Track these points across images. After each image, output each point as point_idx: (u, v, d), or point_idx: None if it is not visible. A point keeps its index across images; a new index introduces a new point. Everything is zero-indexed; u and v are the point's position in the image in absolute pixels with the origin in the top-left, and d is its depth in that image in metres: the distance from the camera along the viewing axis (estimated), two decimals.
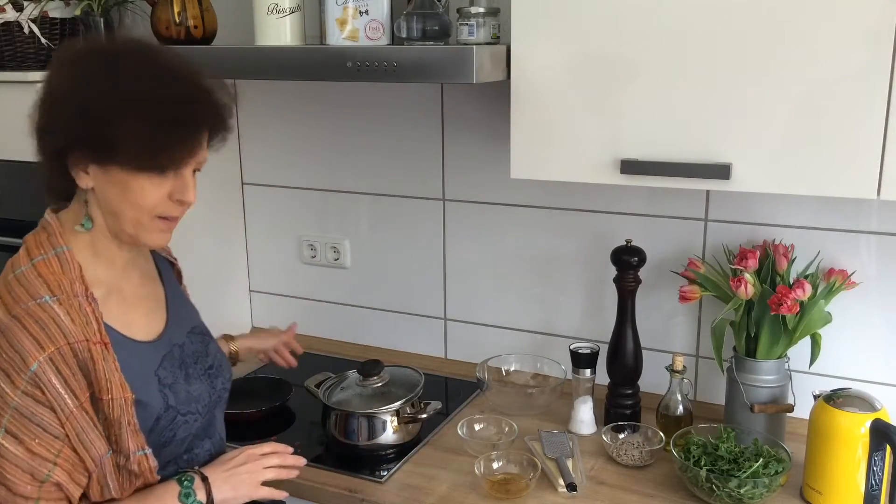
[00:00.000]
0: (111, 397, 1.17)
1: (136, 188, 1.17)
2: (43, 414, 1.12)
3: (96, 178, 1.18)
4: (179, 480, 1.25)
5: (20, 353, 1.11)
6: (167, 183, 1.19)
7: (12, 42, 1.88)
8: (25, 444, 1.11)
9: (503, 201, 2.01)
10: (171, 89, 1.17)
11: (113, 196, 1.19)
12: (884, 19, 1.29)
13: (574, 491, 1.55)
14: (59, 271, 1.19)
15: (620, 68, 1.47)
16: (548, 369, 1.99)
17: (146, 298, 1.34)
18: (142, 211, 1.19)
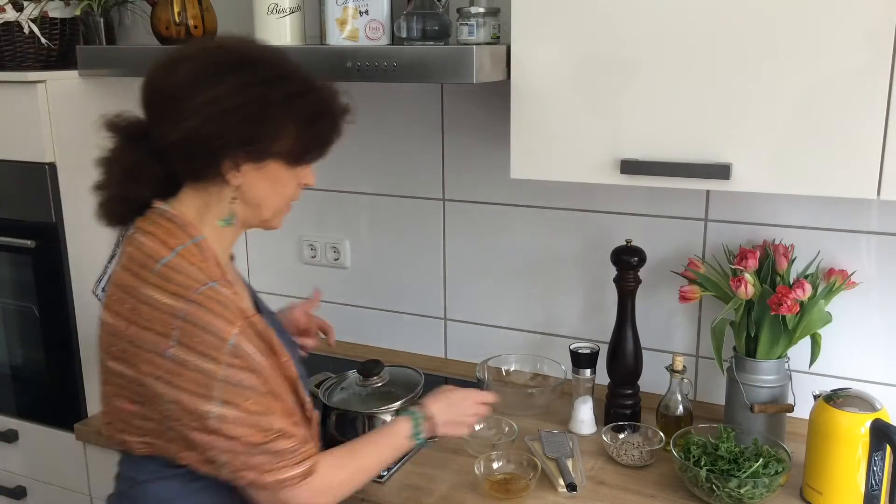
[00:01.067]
0: (287, 360, 1.31)
1: (285, 179, 1.30)
2: (247, 378, 1.21)
3: (246, 174, 1.26)
4: (413, 419, 1.43)
5: (215, 334, 1.19)
6: (300, 172, 1.32)
7: (12, 42, 1.88)
8: (241, 406, 1.20)
9: (503, 201, 2.01)
10: (314, 87, 1.28)
11: (260, 189, 1.28)
12: (884, 19, 1.29)
13: (574, 491, 1.55)
14: (201, 259, 1.26)
15: (620, 68, 1.47)
16: (548, 369, 1.99)
17: (240, 283, 1.44)
18: (284, 199, 1.33)
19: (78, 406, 1.92)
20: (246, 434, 1.21)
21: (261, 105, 1.21)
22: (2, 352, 2.02)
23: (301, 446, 1.26)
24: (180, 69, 1.24)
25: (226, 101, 1.20)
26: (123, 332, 1.22)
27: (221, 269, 1.28)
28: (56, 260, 1.85)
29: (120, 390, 1.27)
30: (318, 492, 1.29)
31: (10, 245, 1.90)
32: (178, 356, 1.18)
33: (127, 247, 1.29)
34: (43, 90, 1.77)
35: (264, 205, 1.30)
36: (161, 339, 1.19)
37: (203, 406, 1.19)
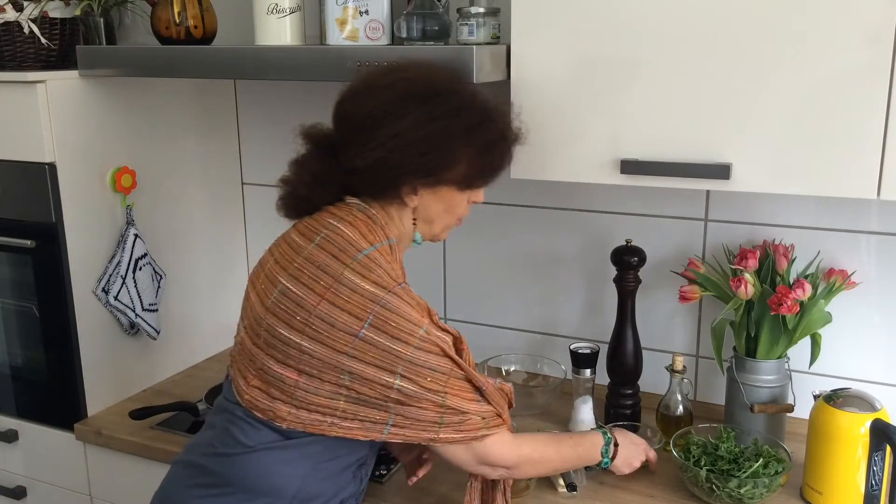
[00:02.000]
0: (465, 348, 1.36)
1: (459, 201, 1.40)
2: (432, 359, 1.29)
3: (426, 198, 1.38)
4: (605, 437, 1.50)
5: (410, 321, 1.28)
6: (473, 192, 1.42)
7: (12, 42, 1.88)
8: (418, 382, 1.28)
9: (503, 201, 2.01)
10: (491, 116, 1.36)
11: (435, 209, 1.40)
12: (884, 19, 1.29)
13: (574, 491, 1.55)
14: (391, 259, 1.36)
15: (620, 68, 1.47)
16: (548, 369, 1.99)
17: None
18: (455, 217, 1.44)
19: (78, 406, 1.92)
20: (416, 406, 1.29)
21: (441, 138, 1.31)
22: (2, 352, 2.02)
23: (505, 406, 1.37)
24: (371, 99, 1.33)
25: (410, 134, 1.29)
26: (314, 307, 1.28)
27: (403, 273, 1.38)
28: (56, 260, 1.85)
29: (288, 359, 1.30)
30: (515, 451, 1.37)
31: (10, 245, 1.90)
32: (370, 337, 1.26)
33: (323, 230, 1.36)
34: (43, 90, 1.77)
35: (436, 222, 1.42)
36: (356, 320, 1.27)
37: (402, 383, 1.27)
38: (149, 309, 2.00)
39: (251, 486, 1.34)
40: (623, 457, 1.51)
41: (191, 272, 2.19)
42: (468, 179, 1.37)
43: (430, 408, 1.29)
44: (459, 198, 1.40)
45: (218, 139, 2.27)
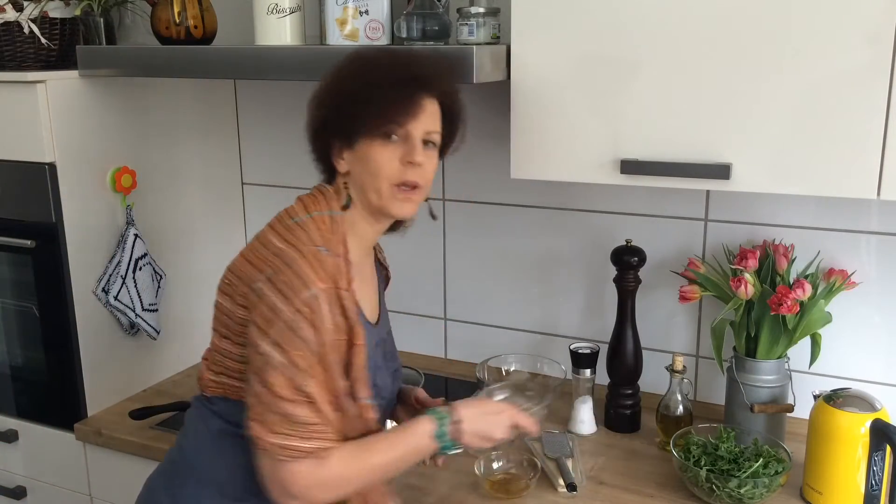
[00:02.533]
0: (361, 343, 1.29)
1: (374, 156, 1.30)
2: (308, 331, 1.23)
3: (349, 161, 1.33)
4: (437, 418, 1.34)
5: (302, 278, 1.23)
6: (398, 149, 1.31)
7: (12, 42, 1.88)
8: (289, 354, 1.22)
9: (503, 201, 2.01)
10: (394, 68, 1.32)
11: (360, 171, 1.33)
12: (884, 19, 1.29)
13: (574, 491, 1.55)
14: (329, 230, 1.32)
15: (620, 68, 1.47)
16: (548, 369, 1.99)
17: (373, 286, 1.46)
18: (380, 178, 1.31)
19: (78, 406, 1.92)
20: (278, 384, 1.22)
21: (334, 91, 1.32)
22: (2, 352, 2.02)
23: (322, 426, 1.25)
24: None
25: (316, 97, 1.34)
26: (236, 267, 1.33)
27: (345, 249, 1.32)
28: (56, 260, 1.85)
29: (217, 324, 1.35)
30: (320, 481, 1.26)
31: (10, 245, 1.90)
32: (261, 289, 1.25)
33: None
34: (43, 90, 1.77)
35: (365, 186, 1.33)
36: (256, 272, 1.27)
37: (259, 340, 1.23)
38: (149, 309, 2.00)
39: (201, 474, 1.36)
40: (473, 431, 1.35)
41: (191, 272, 2.19)
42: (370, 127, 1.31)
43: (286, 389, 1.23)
44: (374, 153, 1.30)
45: (218, 139, 2.27)
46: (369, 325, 1.39)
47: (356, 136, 1.31)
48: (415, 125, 1.31)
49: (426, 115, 1.32)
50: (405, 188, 1.32)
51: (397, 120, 1.30)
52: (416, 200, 1.35)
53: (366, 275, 1.43)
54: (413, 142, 1.31)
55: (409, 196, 1.33)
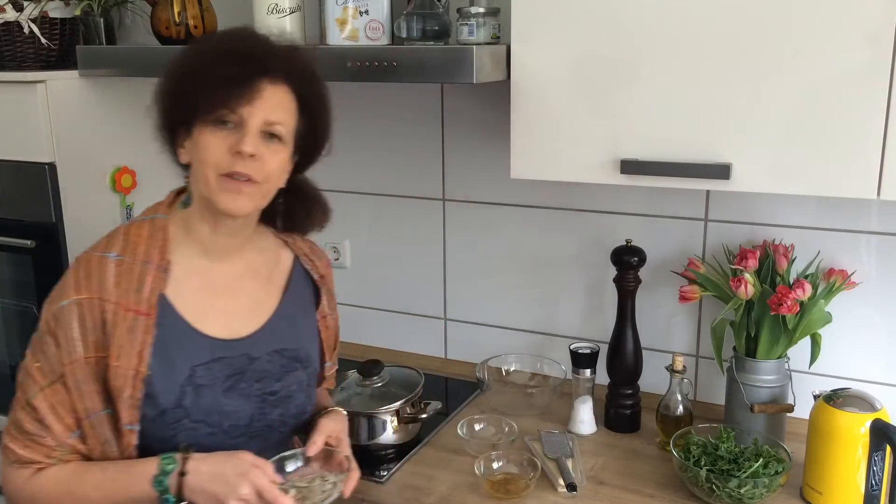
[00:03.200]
0: (118, 365, 1.19)
1: (203, 142, 1.21)
2: (50, 345, 1.20)
3: (189, 149, 1.25)
4: (162, 465, 1.19)
5: (62, 288, 1.21)
6: (230, 137, 1.20)
7: (12, 42, 1.88)
8: (30, 363, 1.23)
9: (503, 201, 2.01)
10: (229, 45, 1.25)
11: (194, 161, 1.24)
12: (884, 19, 1.29)
13: (574, 491, 1.55)
14: (145, 236, 1.26)
15: (620, 68, 1.47)
16: (548, 369, 1.99)
17: (238, 296, 1.33)
18: (207, 166, 1.21)
19: None
20: (19, 389, 1.23)
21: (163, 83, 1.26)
22: (2, 352, 2.02)
23: (44, 440, 1.20)
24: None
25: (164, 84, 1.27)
26: None
27: (161, 252, 1.24)
28: (56, 260, 1.85)
29: None
30: (28, 494, 1.21)
31: (10, 245, 1.90)
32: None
33: None
34: (43, 90, 1.77)
35: (196, 175, 1.24)
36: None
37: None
38: None
39: None
40: (200, 489, 1.16)
41: None
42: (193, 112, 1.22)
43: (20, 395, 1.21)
44: (203, 139, 1.21)
45: None
46: (201, 336, 1.26)
47: (192, 121, 1.22)
48: (250, 111, 1.19)
49: (266, 102, 1.20)
50: (234, 181, 1.20)
51: (227, 103, 1.18)
52: (247, 194, 1.22)
53: (220, 284, 1.30)
54: (245, 129, 1.19)
55: (238, 188, 1.20)
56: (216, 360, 1.27)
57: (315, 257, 1.46)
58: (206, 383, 1.25)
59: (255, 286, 1.35)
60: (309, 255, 1.45)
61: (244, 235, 1.33)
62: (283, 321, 1.36)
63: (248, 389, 1.30)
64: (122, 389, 1.19)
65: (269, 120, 1.21)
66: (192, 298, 1.26)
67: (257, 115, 1.20)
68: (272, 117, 1.22)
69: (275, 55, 1.24)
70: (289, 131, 1.25)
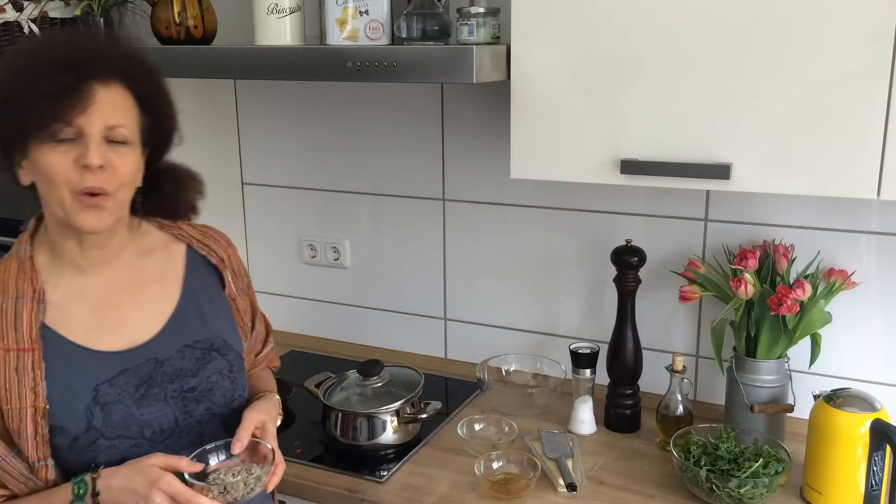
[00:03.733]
0: (10, 407, 1.15)
1: (43, 162, 1.14)
2: None
3: (29, 170, 1.17)
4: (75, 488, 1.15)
5: None
6: (73, 151, 1.14)
7: (12, 42, 1.88)
8: None
9: (503, 201, 2.01)
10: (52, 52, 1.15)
11: (39, 181, 1.17)
12: (884, 19, 1.29)
13: (574, 491, 1.55)
14: (14, 271, 1.21)
15: (620, 68, 1.47)
16: (548, 369, 1.99)
17: (131, 304, 1.28)
18: (57, 186, 1.14)
19: None
20: None
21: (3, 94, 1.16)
22: None
23: None
24: None
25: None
26: None
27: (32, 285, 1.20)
28: None
29: None
30: None
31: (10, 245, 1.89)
32: None
33: None
34: None
35: (46, 198, 1.18)
36: None
37: None
38: None
39: None
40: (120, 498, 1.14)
41: None
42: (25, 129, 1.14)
43: None
44: (43, 158, 1.14)
45: (218, 139, 2.27)
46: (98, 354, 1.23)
47: (25, 140, 1.14)
48: (86, 120, 1.12)
49: (101, 106, 1.13)
50: (92, 196, 1.14)
51: (62, 117, 1.11)
52: (106, 209, 1.17)
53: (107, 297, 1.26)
54: (87, 141, 1.13)
55: (96, 204, 1.15)
56: (121, 372, 1.24)
57: (210, 241, 1.40)
58: (112, 400, 1.21)
59: (147, 290, 1.31)
60: (202, 240, 1.39)
61: (115, 242, 1.27)
62: (188, 315, 1.32)
63: (163, 393, 1.26)
64: (21, 428, 1.16)
65: (110, 124, 1.15)
66: (80, 319, 1.22)
67: (95, 122, 1.13)
68: (112, 121, 1.15)
69: (101, 55, 1.17)
70: (133, 132, 1.19)
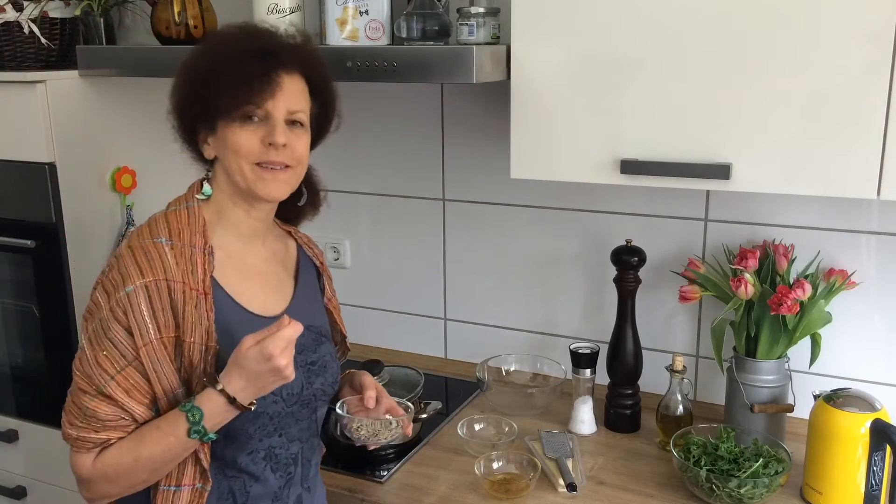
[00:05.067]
0: (193, 341, 1.24)
1: (233, 138, 1.28)
2: (118, 332, 1.22)
3: (214, 146, 1.31)
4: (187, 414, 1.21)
5: (122, 276, 1.23)
6: (259, 130, 1.28)
7: (12, 42, 1.88)
8: (95, 352, 1.23)
9: (503, 201, 2.01)
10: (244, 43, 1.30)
11: (223, 154, 1.30)
12: (884, 20, 1.29)
13: (574, 491, 1.55)
14: (185, 222, 1.30)
15: (620, 68, 1.47)
16: (548, 369, 1.99)
17: (268, 277, 1.40)
18: (241, 158, 1.28)
19: None
20: (81, 379, 1.25)
21: (185, 78, 1.31)
22: (2, 352, 2.02)
23: (124, 422, 1.23)
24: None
25: (182, 78, 1.32)
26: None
27: (203, 236, 1.29)
28: (56, 260, 1.85)
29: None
30: (100, 472, 1.25)
31: (10, 245, 1.90)
32: (93, 289, 1.28)
33: None
34: (43, 90, 1.77)
35: (229, 167, 1.30)
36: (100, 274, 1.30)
37: (81, 334, 1.28)
38: None
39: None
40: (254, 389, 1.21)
41: None
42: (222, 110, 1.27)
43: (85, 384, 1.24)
44: (233, 135, 1.28)
45: None
46: (247, 312, 1.32)
47: (215, 120, 1.28)
48: (274, 104, 1.27)
49: (286, 93, 1.28)
50: (269, 167, 1.29)
51: (253, 101, 1.26)
52: (283, 180, 1.31)
53: (252, 265, 1.37)
54: (273, 122, 1.27)
55: (275, 175, 1.29)
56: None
57: (313, 246, 1.54)
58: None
59: (278, 269, 1.43)
60: (308, 244, 1.53)
61: (269, 220, 1.41)
62: (302, 302, 1.43)
63: (295, 361, 1.31)
64: (197, 365, 1.25)
65: (292, 109, 1.29)
66: (234, 279, 1.33)
67: (281, 107, 1.27)
68: (294, 107, 1.30)
69: (287, 48, 1.31)
70: (307, 116, 1.34)
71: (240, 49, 1.28)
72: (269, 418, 1.31)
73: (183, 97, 1.31)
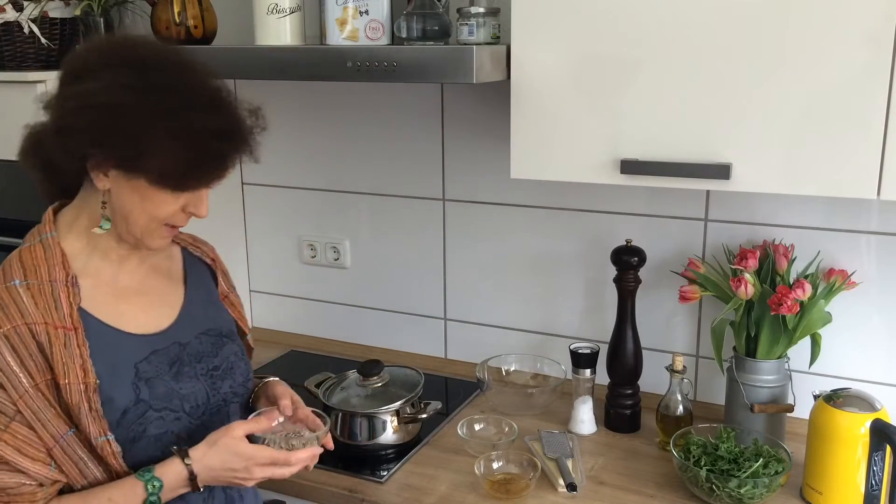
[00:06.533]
0: (68, 382, 1.17)
1: (154, 199, 1.19)
2: None
3: (115, 181, 1.19)
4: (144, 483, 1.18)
5: None
6: (183, 197, 1.22)
7: (12, 42, 1.88)
8: None
9: (503, 201, 2.01)
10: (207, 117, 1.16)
11: (128, 202, 1.20)
12: (884, 20, 1.29)
13: (574, 491, 1.55)
14: (42, 257, 1.22)
15: (620, 68, 1.47)
16: (548, 369, 1.99)
17: (148, 294, 1.33)
18: (154, 220, 1.22)
19: None
20: None
21: (128, 112, 1.12)
22: None
23: (24, 486, 1.15)
24: (81, 58, 1.21)
25: (95, 97, 1.13)
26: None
27: (63, 269, 1.21)
28: None
29: None
30: None
31: (10, 245, 1.89)
32: None
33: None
34: (43, 90, 1.77)
35: (131, 219, 1.21)
36: None
37: None
38: None
39: None
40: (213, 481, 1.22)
41: None
42: (163, 176, 1.15)
43: None
44: (162, 197, 1.19)
45: None
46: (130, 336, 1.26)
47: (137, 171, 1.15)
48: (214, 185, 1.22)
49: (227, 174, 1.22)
50: (174, 228, 1.25)
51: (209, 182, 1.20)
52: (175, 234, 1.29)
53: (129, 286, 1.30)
54: (200, 194, 1.22)
55: (173, 233, 1.27)
56: (153, 353, 1.28)
57: (200, 244, 1.49)
58: (153, 375, 1.26)
59: (161, 282, 1.37)
60: (194, 243, 1.48)
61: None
62: (195, 308, 1.38)
63: (193, 371, 1.32)
64: (80, 403, 1.17)
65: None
66: (107, 305, 1.26)
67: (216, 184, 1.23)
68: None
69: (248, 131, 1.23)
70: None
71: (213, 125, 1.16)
72: (177, 437, 1.26)
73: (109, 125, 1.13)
